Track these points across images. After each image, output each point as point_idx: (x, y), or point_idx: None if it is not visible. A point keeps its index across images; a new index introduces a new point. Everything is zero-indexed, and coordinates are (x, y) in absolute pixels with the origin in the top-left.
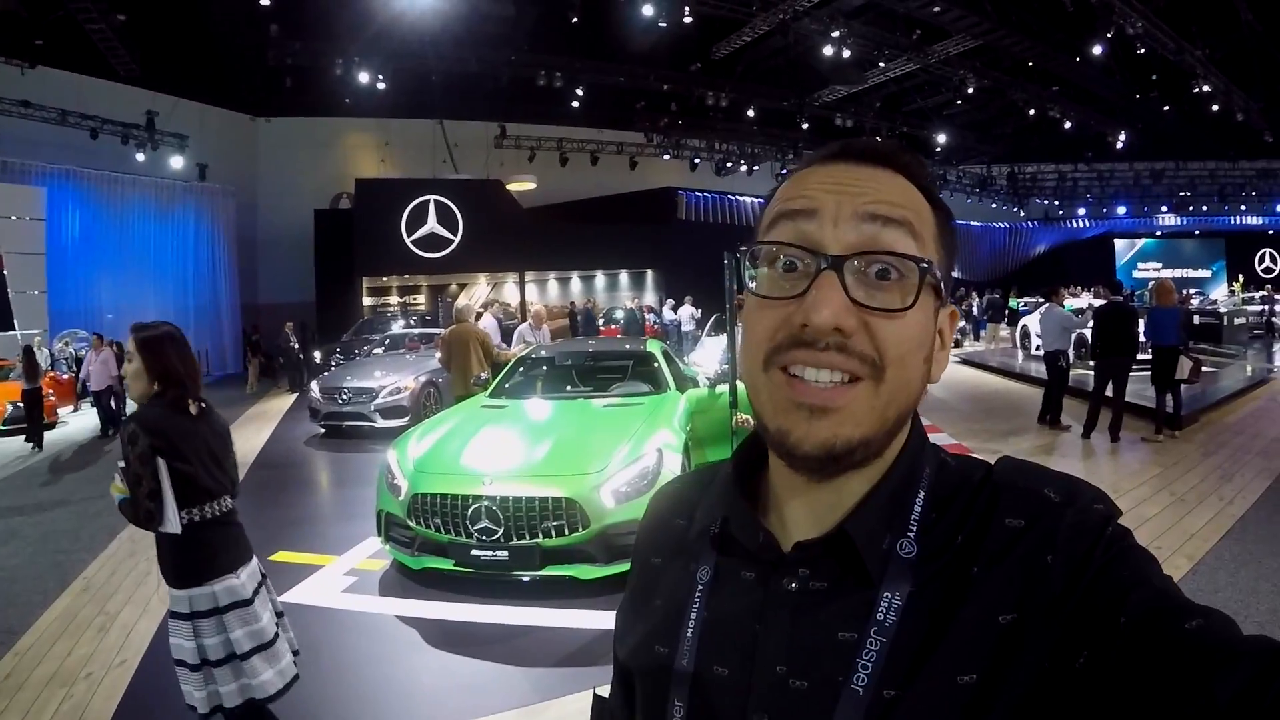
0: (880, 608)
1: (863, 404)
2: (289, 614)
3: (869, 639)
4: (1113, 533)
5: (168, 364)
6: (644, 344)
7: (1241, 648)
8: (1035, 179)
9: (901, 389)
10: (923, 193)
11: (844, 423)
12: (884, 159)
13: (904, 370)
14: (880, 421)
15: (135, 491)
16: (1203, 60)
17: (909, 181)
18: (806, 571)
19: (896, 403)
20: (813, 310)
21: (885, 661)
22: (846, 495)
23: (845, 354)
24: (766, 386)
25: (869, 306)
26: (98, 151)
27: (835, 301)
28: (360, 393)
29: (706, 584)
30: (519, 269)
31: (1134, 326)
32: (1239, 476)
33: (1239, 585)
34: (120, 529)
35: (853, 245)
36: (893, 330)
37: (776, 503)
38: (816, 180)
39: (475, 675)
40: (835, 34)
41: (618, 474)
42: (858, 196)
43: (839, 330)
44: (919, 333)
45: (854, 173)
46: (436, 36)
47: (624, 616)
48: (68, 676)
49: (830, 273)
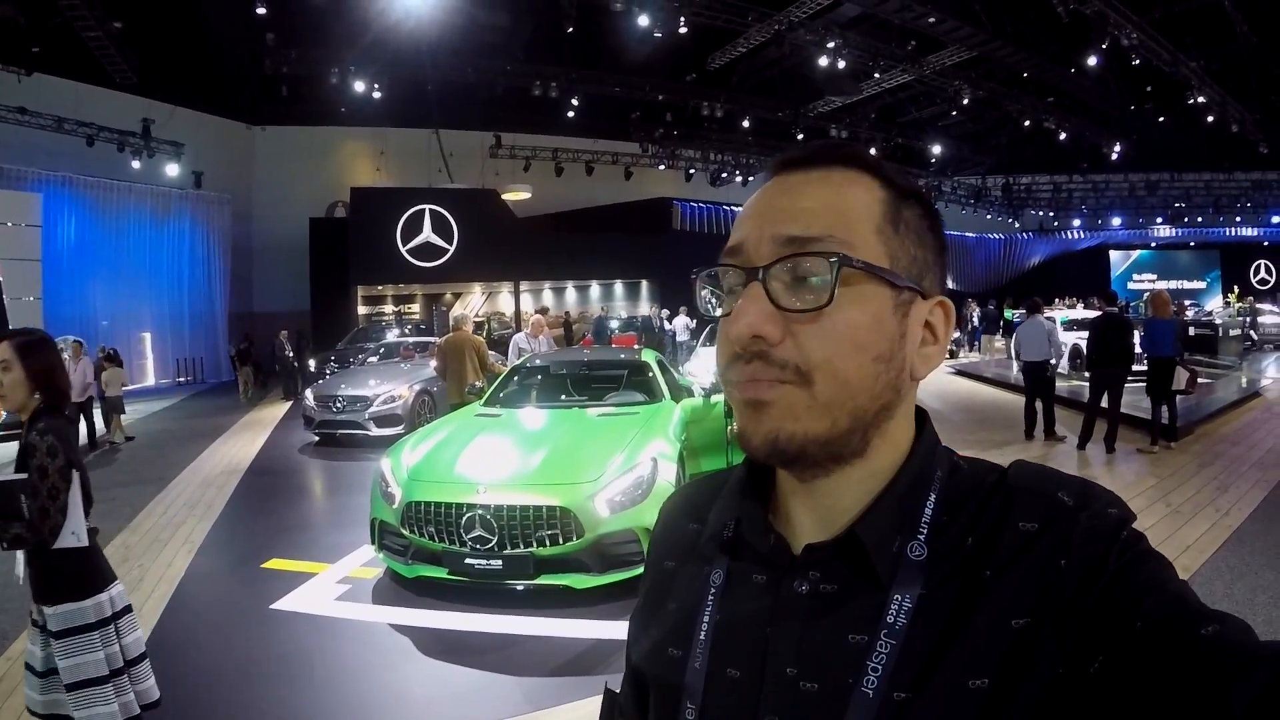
0: (890, 610)
1: (796, 400)
2: (282, 621)
3: (879, 641)
4: (1127, 537)
5: (53, 371)
6: (639, 353)
7: (1258, 654)
8: (1030, 190)
9: (838, 390)
10: (873, 178)
11: (782, 418)
12: (814, 161)
13: (835, 372)
14: (828, 420)
15: (50, 506)
16: (1198, 71)
17: (851, 170)
18: (817, 574)
19: (841, 404)
20: (731, 324)
21: (896, 664)
22: (844, 500)
23: (766, 362)
24: (729, 400)
25: (789, 310)
26: (94, 158)
27: (752, 311)
28: (355, 401)
29: (719, 587)
30: (514, 278)
31: (1129, 337)
32: (1235, 488)
33: (1236, 597)
34: (113, 536)
35: (774, 254)
36: (816, 334)
37: (784, 505)
38: (753, 199)
39: (468, 684)
40: (830, 45)
41: (612, 483)
42: (779, 215)
43: (761, 338)
44: (853, 332)
45: (786, 183)
46: (432, 46)
47: (638, 620)
48: None
49: (755, 284)
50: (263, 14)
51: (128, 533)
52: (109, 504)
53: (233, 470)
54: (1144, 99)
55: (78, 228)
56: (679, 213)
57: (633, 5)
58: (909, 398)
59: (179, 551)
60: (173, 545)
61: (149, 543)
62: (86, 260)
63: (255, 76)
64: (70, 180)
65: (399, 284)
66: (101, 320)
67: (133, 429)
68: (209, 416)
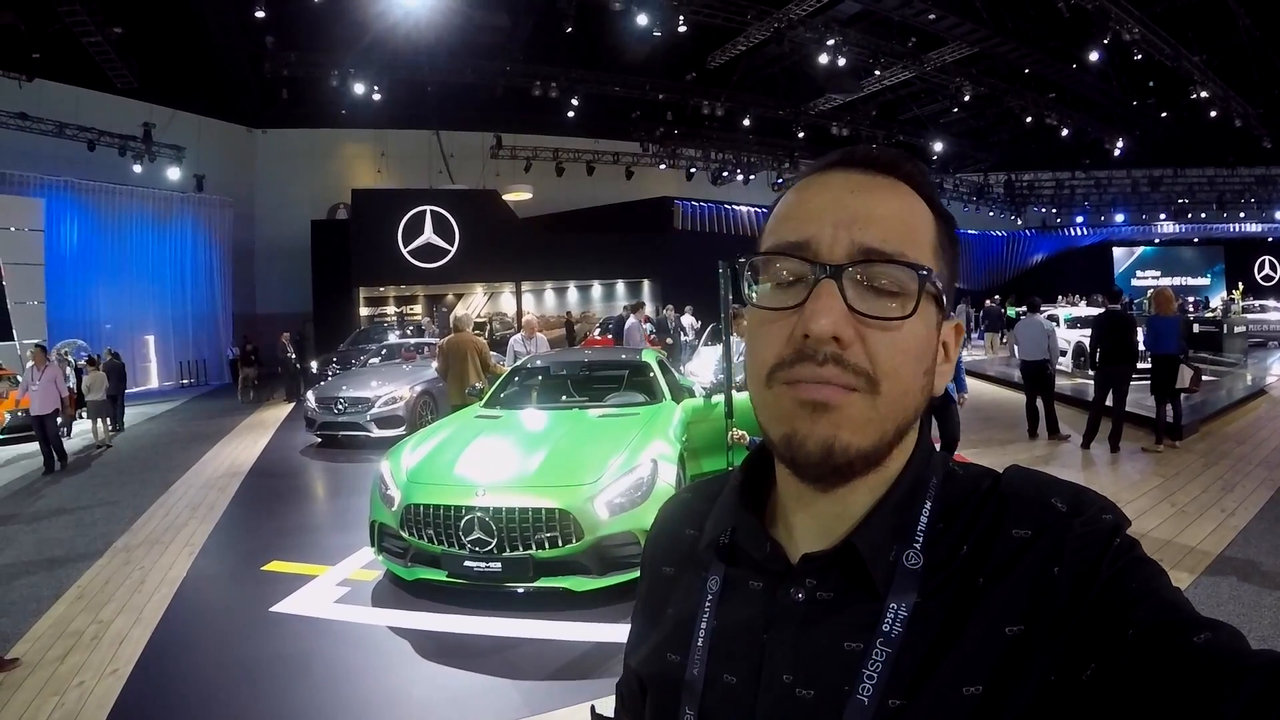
0: (886, 619)
1: (859, 412)
2: (282, 624)
3: (875, 649)
4: (1120, 544)
5: None
6: (639, 354)
7: (1250, 662)
8: (1033, 187)
9: (898, 402)
10: (925, 202)
11: (843, 425)
12: (884, 167)
13: (899, 383)
14: (880, 434)
15: None
16: (1200, 66)
17: (910, 189)
18: (814, 582)
19: (894, 416)
20: (811, 320)
21: (891, 672)
22: (852, 506)
23: (841, 367)
24: (772, 401)
25: (868, 315)
26: (95, 163)
27: (834, 310)
28: (356, 402)
29: (716, 594)
30: (515, 279)
31: (1133, 335)
32: (1241, 487)
33: (1242, 599)
34: (115, 538)
35: (851, 255)
36: (888, 342)
37: (784, 514)
38: (814, 191)
39: (467, 687)
40: (831, 42)
41: (612, 485)
42: (855, 215)
43: (837, 340)
44: (917, 344)
45: (852, 182)
46: (432, 48)
47: (636, 624)
48: (60, 685)
49: (829, 281)
50: (262, 17)
51: (129, 535)
52: (110, 507)
53: (234, 472)
54: (1146, 94)
55: (80, 232)
56: (680, 212)
57: (632, 4)
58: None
59: (180, 554)
60: (174, 548)
61: (150, 545)
62: (89, 264)
63: (255, 80)
64: (72, 185)
65: (401, 285)
66: (105, 324)
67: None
68: (212, 419)
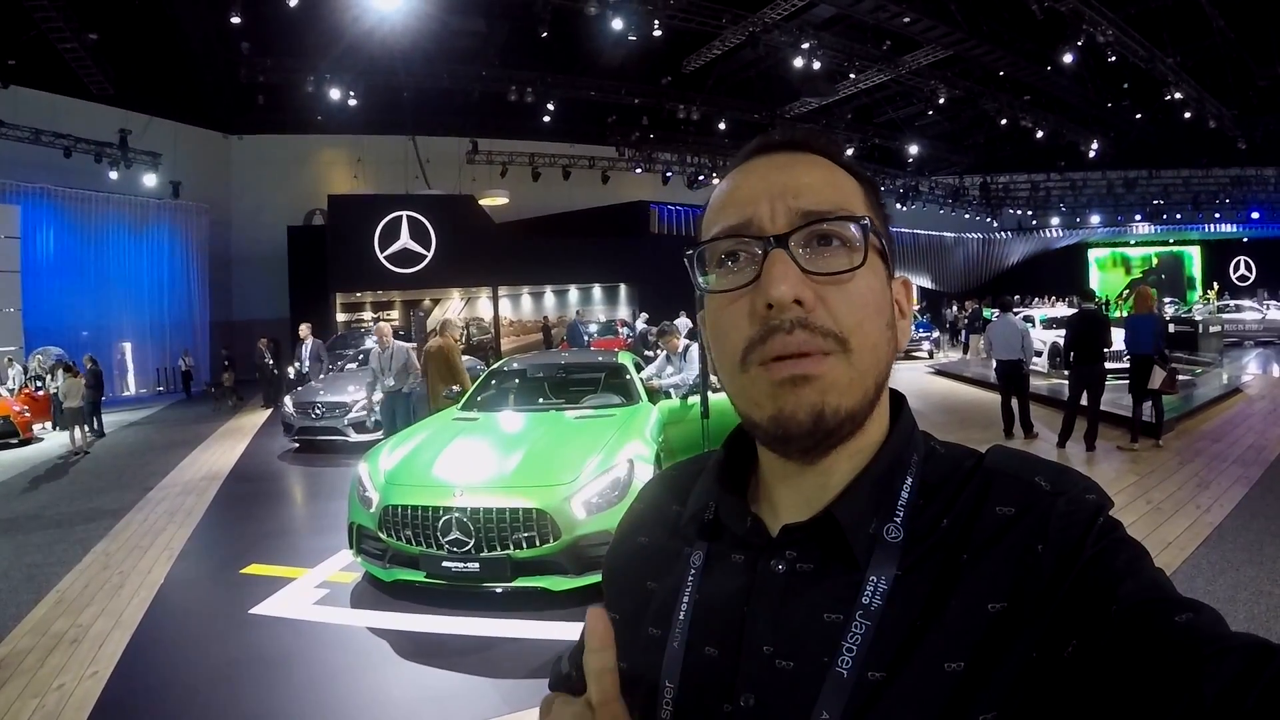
0: (866, 591)
1: (840, 374)
2: (261, 626)
3: (854, 621)
4: (1104, 523)
5: None
6: (616, 356)
7: (1230, 643)
8: (1008, 189)
9: (870, 355)
10: (845, 169)
11: (828, 390)
12: (800, 146)
13: (866, 337)
14: (863, 391)
15: None
16: (1174, 68)
17: (828, 160)
18: (794, 554)
19: (871, 371)
20: (770, 287)
21: (870, 644)
22: (834, 478)
23: (810, 331)
24: (749, 384)
25: (822, 274)
26: (71, 170)
27: (790, 275)
28: (333, 407)
29: (699, 568)
30: (492, 284)
31: (1106, 334)
32: (1216, 484)
33: (1217, 594)
34: (94, 543)
35: (792, 223)
36: (846, 299)
37: (766, 490)
38: (744, 177)
39: (447, 687)
40: (805, 46)
41: (589, 485)
42: (786, 187)
43: (799, 303)
44: (874, 297)
45: (776, 162)
46: (407, 53)
47: (610, 595)
48: (40, 687)
49: (779, 250)
50: (238, 23)
51: (108, 540)
52: (90, 512)
53: (213, 477)
54: (1121, 96)
55: (56, 239)
56: (656, 216)
57: (607, 9)
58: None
59: (159, 558)
60: (153, 552)
61: (129, 550)
62: (66, 271)
63: (231, 86)
64: (48, 191)
65: (377, 291)
66: (82, 331)
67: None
68: (190, 424)
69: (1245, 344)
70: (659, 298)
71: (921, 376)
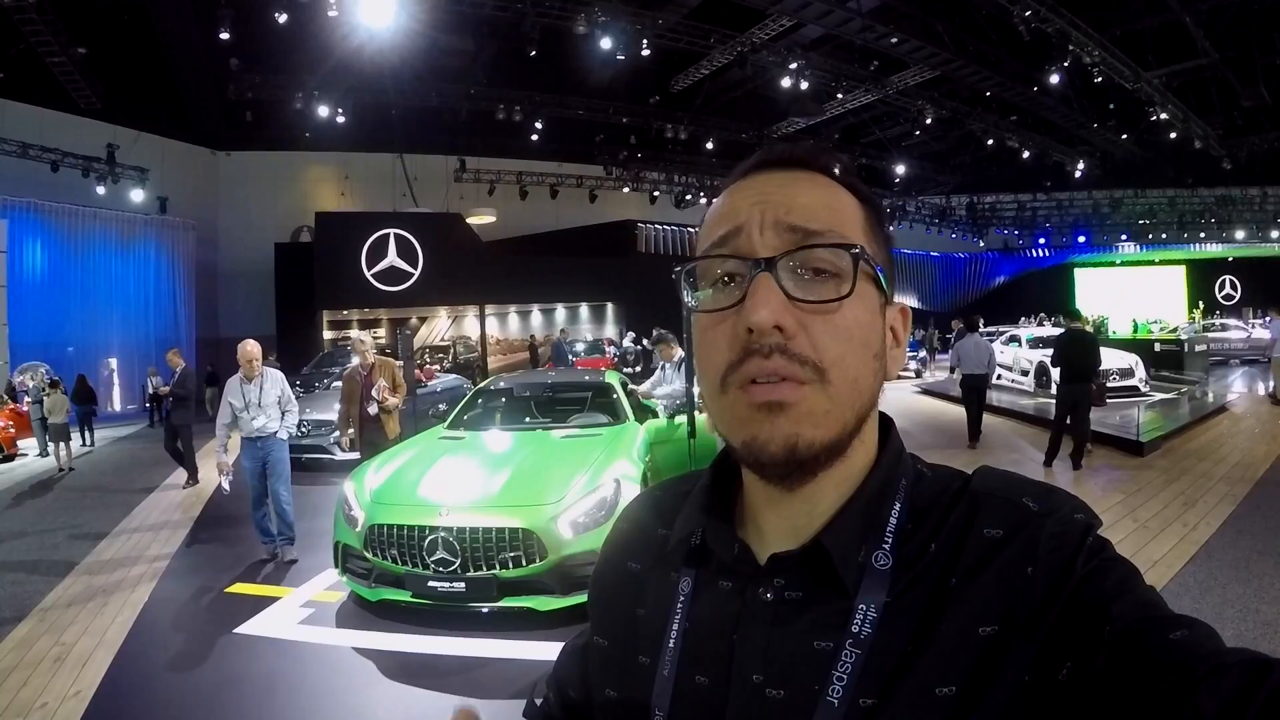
0: (856, 619)
1: (816, 405)
2: (246, 645)
3: (844, 650)
4: (1093, 543)
5: None
6: (603, 375)
7: (1227, 659)
8: (994, 209)
9: (850, 389)
10: (848, 190)
11: (803, 421)
12: (801, 163)
13: (847, 370)
14: (840, 424)
15: None
16: (1160, 88)
17: (829, 179)
18: (782, 582)
19: (851, 404)
20: (752, 312)
21: (861, 671)
22: (820, 505)
23: (788, 357)
24: (728, 406)
25: (807, 301)
26: (59, 184)
27: (773, 300)
28: (320, 425)
29: (688, 595)
30: (479, 302)
31: (1094, 353)
32: (1202, 502)
33: (1204, 612)
34: (78, 560)
35: (782, 246)
36: (830, 329)
37: (753, 515)
38: (739, 194)
39: (432, 707)
40: (793, 66)
41: (575, 504)
42: (779, 206)
43: (779, 329)
44: (860, 329)
45: (774, 180)
46: (396, 71)
47: (595, 617)
48: (23, 707)
49: (765, 274)
50: (227, 39)
51: (92, 558)
52: (73, 530)
53: (198, 495)
54: (1106, 116)
55: (43, 254)
56: (643, 235)
57: (595, 29)
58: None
59: (143, 576)
60: (137, 570)
61: (113, 567)
62: (52, 286)
63: (220, 102)
64: (35, 206)
65: (364, 308)
66: (68, 347)
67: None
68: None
69: (1231, 362)
70: (646, 317)
71: (907, 395)
